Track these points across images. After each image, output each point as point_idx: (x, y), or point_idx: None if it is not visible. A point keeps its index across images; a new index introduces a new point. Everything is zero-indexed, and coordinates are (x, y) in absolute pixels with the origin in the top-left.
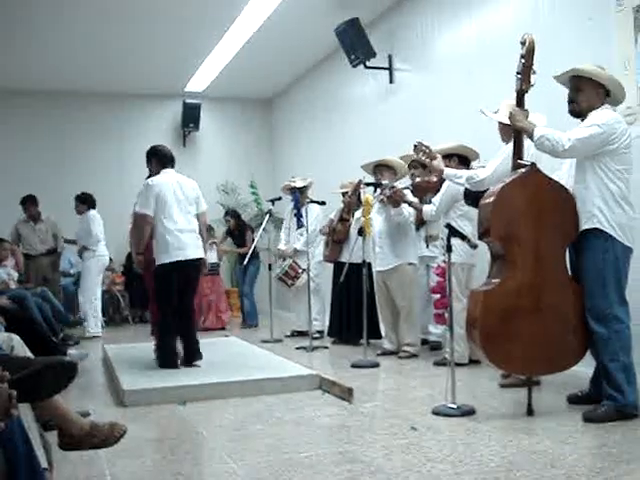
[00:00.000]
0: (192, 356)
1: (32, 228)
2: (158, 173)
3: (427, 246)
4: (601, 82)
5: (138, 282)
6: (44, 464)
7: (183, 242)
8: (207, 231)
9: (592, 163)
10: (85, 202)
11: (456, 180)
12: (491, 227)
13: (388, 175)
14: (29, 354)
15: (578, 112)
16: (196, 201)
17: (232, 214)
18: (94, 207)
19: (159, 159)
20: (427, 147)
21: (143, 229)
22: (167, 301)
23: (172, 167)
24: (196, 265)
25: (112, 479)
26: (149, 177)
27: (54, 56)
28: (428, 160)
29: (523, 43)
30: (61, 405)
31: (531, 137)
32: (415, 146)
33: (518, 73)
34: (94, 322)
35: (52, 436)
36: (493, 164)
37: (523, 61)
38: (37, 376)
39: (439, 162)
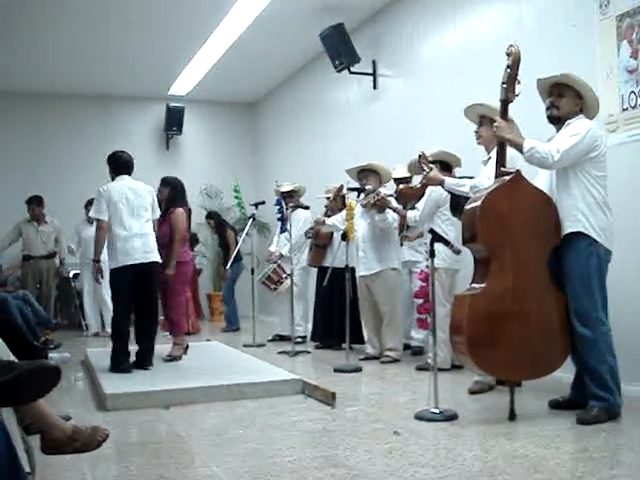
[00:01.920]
0: (142, 361)
1: (35, 229)
2: (113, 180)
3: (401, 244)
4: (582, 94)
5: None
6: (27, 468)
7: (131, 247)
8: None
9: (575, 170)
10: None
11: (458, 189)
12: (477, 232)
13: (373, 180)
14: (13, 358)
15: (557, 117)
16: (151, 206)
17: (210, 215)
18: None
19: (113, 167)
20: (427, 160)
21: (99, 234)
22: (121, 305)
23: (128, 174)
24: (148, 269)
25: None
26: None
27: (36, 58)
28: (426, 172)
29: (509, 54)
30: (44, 409)
31: (520, 150)
32: (419, 156)
33: (504, 83)
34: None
35: (34, 440)
36: (492, 172)
37: (509, 71)
38: (21, 380)
39: (436, 173)
